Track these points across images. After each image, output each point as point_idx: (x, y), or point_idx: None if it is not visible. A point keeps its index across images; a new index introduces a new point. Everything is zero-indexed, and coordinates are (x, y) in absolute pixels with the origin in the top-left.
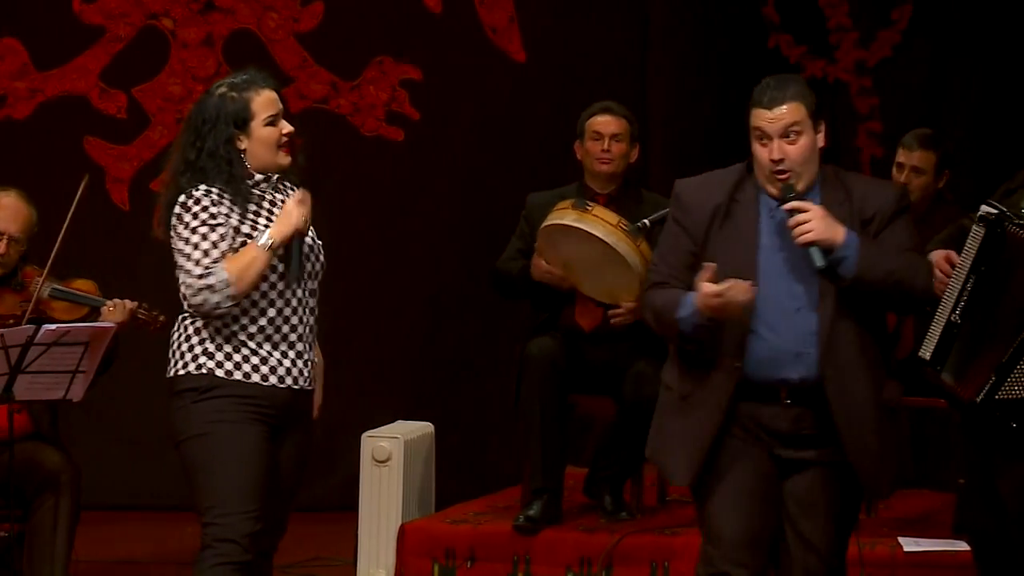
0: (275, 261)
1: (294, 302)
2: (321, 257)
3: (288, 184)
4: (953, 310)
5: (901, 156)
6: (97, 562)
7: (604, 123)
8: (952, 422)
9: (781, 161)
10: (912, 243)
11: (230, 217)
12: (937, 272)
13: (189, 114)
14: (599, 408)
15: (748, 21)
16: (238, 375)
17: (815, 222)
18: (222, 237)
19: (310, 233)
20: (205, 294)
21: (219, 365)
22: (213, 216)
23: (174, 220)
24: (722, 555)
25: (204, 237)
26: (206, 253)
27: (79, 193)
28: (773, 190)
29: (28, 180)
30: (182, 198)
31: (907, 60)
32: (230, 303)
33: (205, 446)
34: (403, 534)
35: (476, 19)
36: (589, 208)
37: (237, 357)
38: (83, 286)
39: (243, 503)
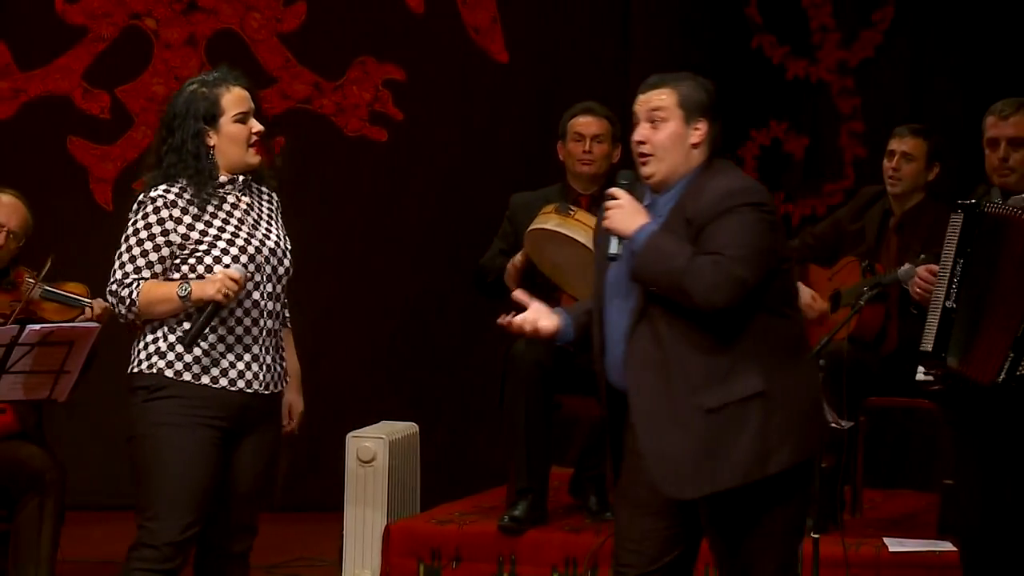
0: (246, 262)
1: (248, 304)
2: (286, 261)
3: (262, 188)
4: (947, 297)
5: (892, 144)
6: (82, 562)
7: (585, 124)
8: (938, 422)
9: (642, 144)
10: (718, 243)
11: (181, 221)
12: (920, 282)
13: (164, 110)
14: (584, 408)
15: (731, 21)
16: (187, 376)
17: (616, 211)
18: (158, 251)
19: (278, 235)
20: (114, 300)
21: (169, 365)
22: (161, 222)
23: (129, 214)
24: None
25: (141, 245)
26: (134, 263)
27: (44, 270)
28: (639, 171)
29: (11, 180)
30: (140, 197)
31: (889, 60)
32: (128, 320)
33: (148, 448)
34: (388, 534)
35: (459, 19)
36: (571, 212)
37: (188, 358)
38: (75, 289)
39: (172, 511)
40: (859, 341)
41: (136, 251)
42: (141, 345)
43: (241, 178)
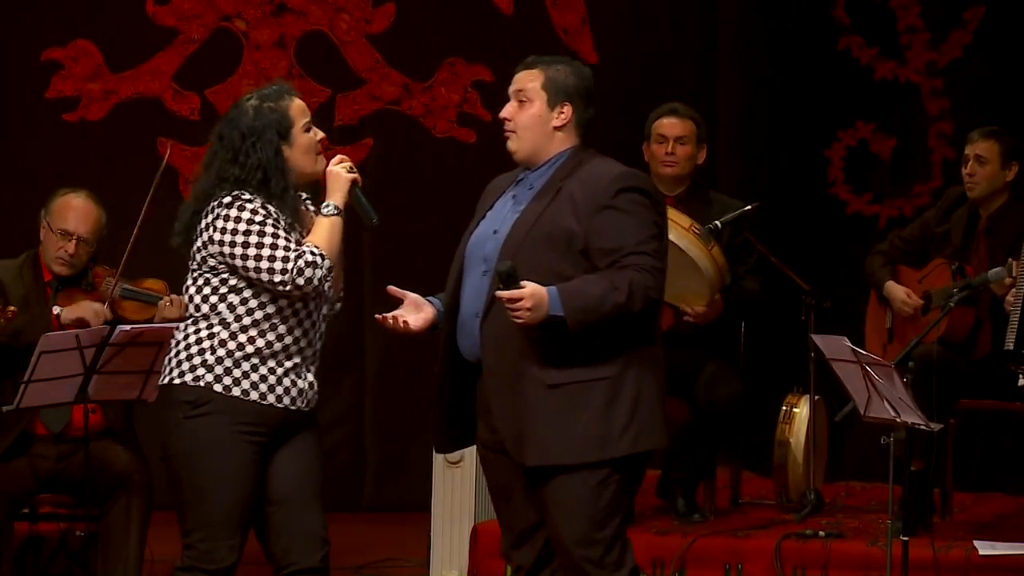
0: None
1: (307, 324)
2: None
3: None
4: None
5: (966, 149)
6: (170, 562)
7: (669, 125)
8: None
9: (506, 120)
10: (635, 240)
11: (279, 223)
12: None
13: (219, 131)
14: (671, 410)
15: (818, 23)
16: (236, 391)
17: (524, 315)
18: (285, 229)
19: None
20: (309, 271)
21: (218, 379)
22: (269, 215)
23: (225, 224)
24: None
25: (275, 227)
26: (287, 239)
27: (160, 168)
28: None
29: (102, 181)
30: (226, 200)
31: (978, 61)
32: (330, 276)
33: (195, 466)
34: (476, 535)
35: (548, 20)
36: None
37: (237, 372)
38: (153, 286)
39: (227, 533)
40: (949, 344)
41: (280, 231)
42: (183, 355)
43: (304, 195)
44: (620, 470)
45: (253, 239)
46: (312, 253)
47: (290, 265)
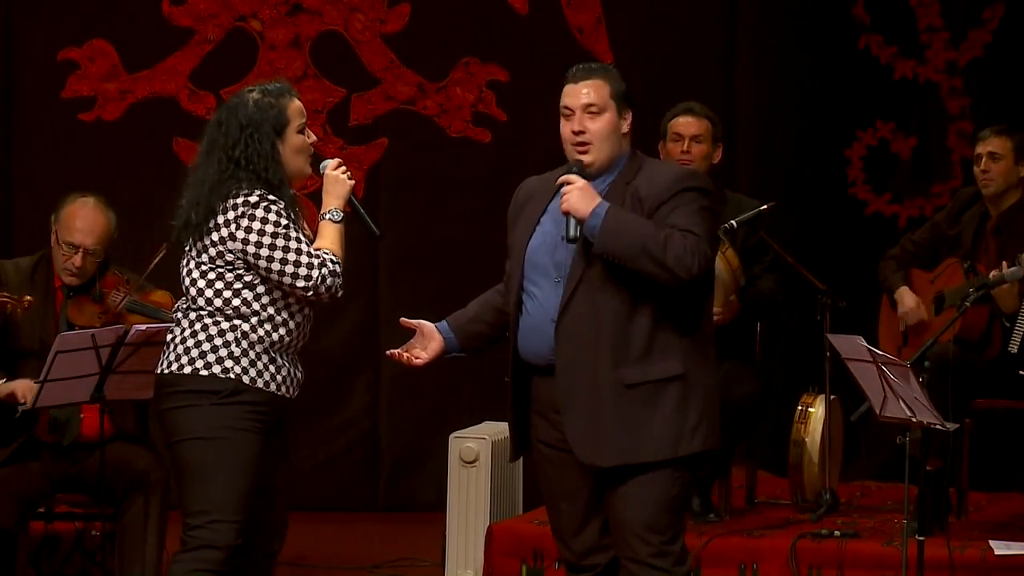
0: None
1: (304, 317)
2: None
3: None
4: None
5: (978, 147)
6: None
7: (685, 124)
8: None
9: (581, 134)
10: (687, 223)
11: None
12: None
13: (219, 119)
14: None
15: (838, 21)
16: (260, 383)
17: (573, 193)
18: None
19: None
20: (330, 280)
21: (244, 371)
22: (288, 216)
23: (251, 224)
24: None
25: (297, 231)
26: (308, 244)
27: (158, 257)
28: (575, 158)
29: (118, 181)
30: (252, 199)
31: (999, 59)
32: (341, 282)
33: (211, 451)
34: (491, 535)
35: (563, 20)
36: None
37: (259, 364)
38: (160, 299)
39: (235, 513)
40: (964, 342)
41: (301, 235)
42: (207, 347)
43: (293, 192)
44: (687, 467)
45: (280, 242)
46: (332, 262)
47: (315, 272)
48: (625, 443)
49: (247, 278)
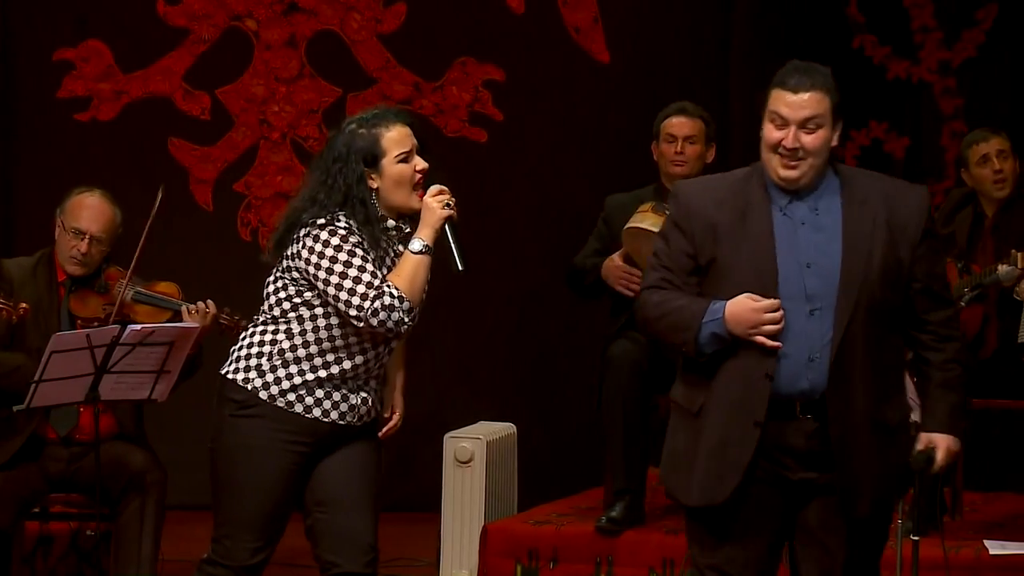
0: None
1: (371, 355)
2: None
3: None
4: None
5: (982, 149)
6: (184, 561)
7: (678, 124)
8: None
9: (795, 150)
10: (942, 282)
11: (369, 252)
12: None
13: (320, 152)
14: None
15: (832, 21)
16: (281, 402)
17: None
18: (374, 263)
19: None
20: (383, 315)
21: (265, 387)
22: (360, 244)
23: (314, 244)
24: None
25: (364, 260)
26: (373, 275)
27: (156, 204)
28: (780, 173)
29: (113, 181)
30: (322, 221)
31: (992, 60)
32: (410, 318)
33: (230, 463)
34: (485, 535)
35: (559, 19)
36: (667, 211)
37: (286, 384)
38: (166, 289)
39: (250, 535)
40: None
41: (366, 265)
42: (243, 352)
43: (408, 229)
44: None
45: (338, 266)
46: (391, 295)
47: (367, 303)
48: (879, 488)
49: (307, 296)
